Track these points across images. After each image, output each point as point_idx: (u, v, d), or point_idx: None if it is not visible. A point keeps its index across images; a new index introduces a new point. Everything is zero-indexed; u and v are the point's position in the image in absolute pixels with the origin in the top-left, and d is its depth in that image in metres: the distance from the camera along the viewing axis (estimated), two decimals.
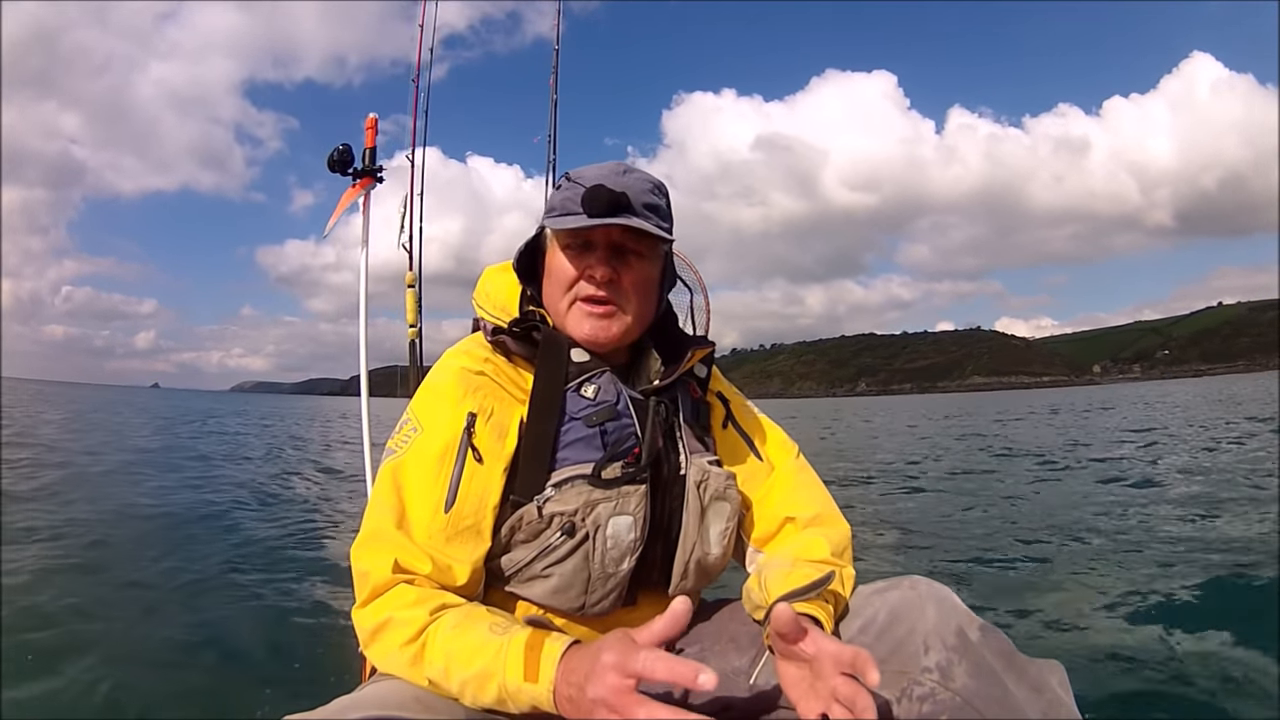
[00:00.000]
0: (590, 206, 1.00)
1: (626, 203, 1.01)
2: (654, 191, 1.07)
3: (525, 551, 1.01)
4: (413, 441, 1.01)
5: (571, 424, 1.03)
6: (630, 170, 1.08)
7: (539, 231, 1.13)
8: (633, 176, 1.06)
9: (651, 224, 1.03)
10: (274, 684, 2.32)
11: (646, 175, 1.09)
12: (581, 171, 1.08)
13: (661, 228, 1.05)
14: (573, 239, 1.06)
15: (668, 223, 1.08)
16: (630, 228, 1.01)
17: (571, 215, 1.02)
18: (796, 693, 0.85)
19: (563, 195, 1.05)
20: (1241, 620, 2.59)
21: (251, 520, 5.25)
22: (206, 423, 19.34)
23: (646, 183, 1.07)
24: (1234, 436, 10.46)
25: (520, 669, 0.78)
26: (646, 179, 1.08)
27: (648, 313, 1.11)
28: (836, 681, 0.79)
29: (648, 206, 1.04)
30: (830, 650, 0.82)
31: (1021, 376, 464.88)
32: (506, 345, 1.08)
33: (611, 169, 1.07)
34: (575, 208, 1.02)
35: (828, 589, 0.97)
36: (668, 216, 1.09)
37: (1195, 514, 4.68)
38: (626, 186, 1.02)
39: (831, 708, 0.79)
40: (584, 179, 1.04)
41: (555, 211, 1.05)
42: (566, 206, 1.03)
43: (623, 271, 1.06)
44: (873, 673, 0.76)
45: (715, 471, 1.10)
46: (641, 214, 1.03)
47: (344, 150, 2.66)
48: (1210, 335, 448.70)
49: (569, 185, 1.05)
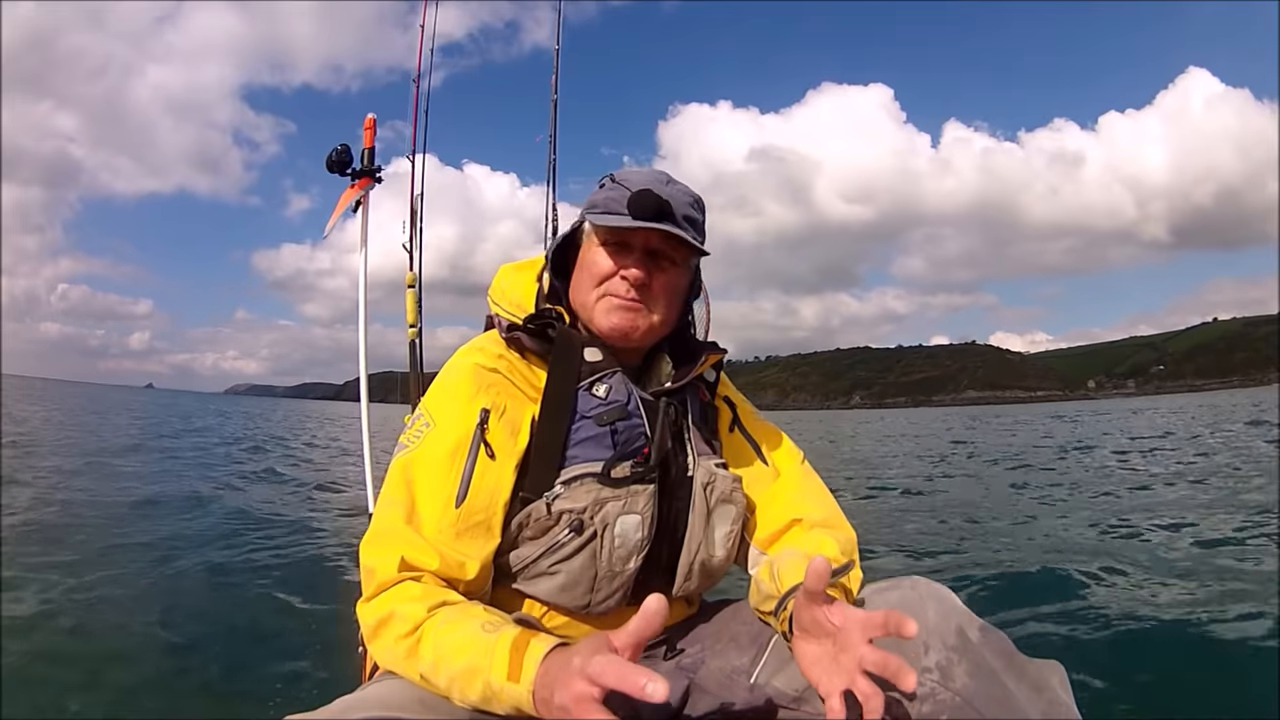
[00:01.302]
0: (636, 209, 1.03)
1: (670, 211, 1.04)
2: (694, 205, 1.10)
3: (533, 548, 1.01)
4: (425, 436, 1.02)
5: (582, 423, 1.04)
6: (674, 181, 1.11)
7: (577, 225, 1.15)
8: (676, 187, 1.10)
9: (689, 235, 1.06)
10: (274, 684, 2.32)
11: (688, 189, 1.12)
12: (627, 174, 1.11)
13: (698, 240, 1.08)
14: (612, 237, 1.08)
15: (703, 237, 1.12)
16: (668, 235, 1.04)
17: (615, 215, 1.05)
18: (817, 671, 0.84)
19: (606, 194, 1.08)
20: (1242, 619, 2.60)
21: (252, 520, 5.26)
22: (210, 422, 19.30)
23: (688, 195, 1.10)
24: (1231, 442, 10.51)
25: (504, 668, 0.77)
26: (688, 192, 1.11)
27: (671, 318, 1.14)
28: (864, 650, 0.77)
29: (687, 219, 1.08)
30: (859, 617, 0.80)
31: (1016, 391, 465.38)
32: (521, 342, 1.09)
33: (657, 176, 1.11)
34: (619, 208, 1.05)
35: (839, 583, 0.97)
36: (703, 231, 1.12)
37: (1195, 513, 4.70)
38: (670, 196, 1.06)
39: (856, 680, 0.77)
40: (630, 182, 1.07)
41: (598, 209, 1.08)
42: (610, 206, 1.06)
43: (655, 275, 1.08)
44: (910, 625, 0.73)
45: (722, 474, 1.11)
46: (681, 224, 1.06)
47: (343, 151, 2.67)
48: (1205, 350, 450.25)
49: (613, 186, 1.09)
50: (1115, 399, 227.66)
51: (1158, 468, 7.99)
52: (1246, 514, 4.69)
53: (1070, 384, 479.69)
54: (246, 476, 8.07)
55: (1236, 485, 5.94)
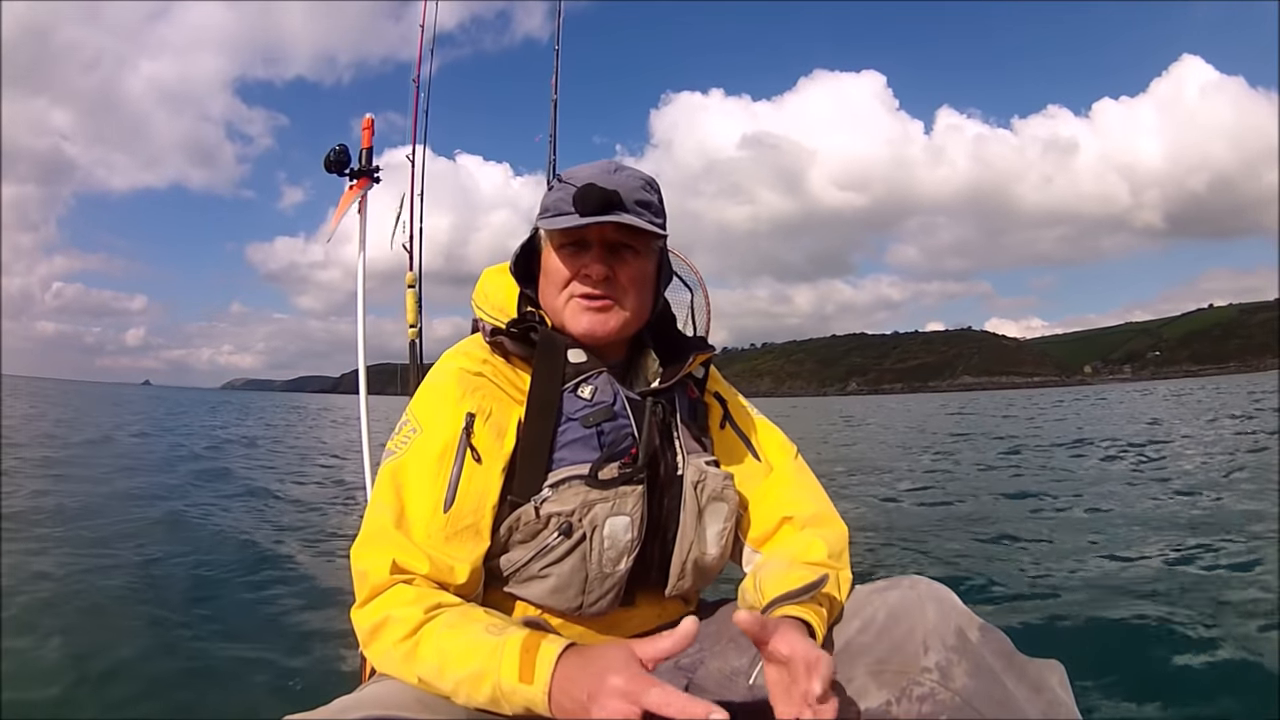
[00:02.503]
0: (582, 205, 1.01)
1: (619, 200, 1.02)
2: (645, 188, 1.08)
3: (523, 552, 1.01)
4: (412, 442, 1.02)
5: (569, 425, 1.04)
6: (621, 168, 1.09)
7: (534, 233, 1.13)
8: (624, 174, 1.07)
9: (644, 220, 1.04)
10: (274, 684, 2.32)
11: (637, 172, 1.10)
12: (573, 172, 1.09)
13: (654, 224, 1.06)
14: (567, 238, 1.07)
15: (660, 218, 1.09)
16: (624, 225, 1.02)
17: (564, 215, 1.03)
18: (775, 694, 0.85)
19: (555, 196, 1.06)
20: (1242, 619, 2.61)
21: (250, 520, 5.25)
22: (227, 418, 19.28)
23: (638, 180, 1.08)
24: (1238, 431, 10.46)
25: (515, 670, 0.77)
26: (638, 176, 1.09)
27: (644, 308, 1.12)
28: (809, 686, 0.79)
29: (640, 203, 1.05)
30: (800, 651, 0.82)
31: (1012, 377, 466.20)
32: (505, 346, 1.08)
33: (602, 167, 1.08)
34: (568, 207, 1.02)
35: (822, 592, 0.97)
36: (660, 212, 1.10)
37: (1195, 513, 4.69)
38: (618, 184, 1.03)
39: (803, 711, 0.79)
40: (575, 179, 1.05)
41: (549, 212, 1.06)
42: (559, 207, 1.04)
43: (618, 268, 1.07)
44: (817, 683, 0.77)
45: (713, 472, 1.10)
46: (634, 210, 1.04)
47: (340, 151, 2.65)
48: (1201, 337, 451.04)
49: (561, 186, 1.06)
50: (1112, 384, 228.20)
51: (1164, 458, 7.94)
52: (1253, 510, 4.67)
53: (1067, 370, 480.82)
54: (244, 473, 8.05)
55: (1237, 483, 5.92)
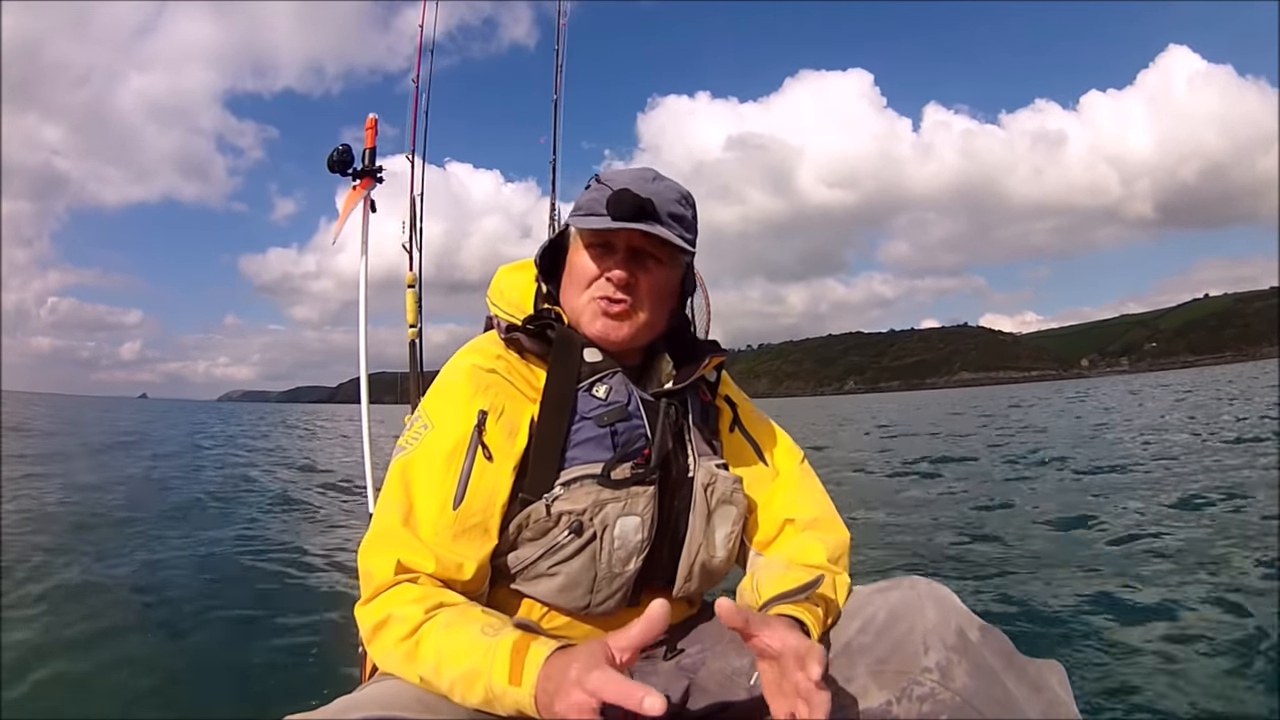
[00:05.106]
0: (615, 209, 1.01)
1: (652, 209, 1.02)
2: (681, 202, 1.08)
3: (532, 549, 1.01)
4: (423, 438, 1.01)
5: (582, 423, 1.04)
6: (660, 178, 1.09)
7: (564, 229, 1.14)
8: (662, 184, 1.08)
9: (674, 233, 1.04)
10: (274, 684, 2.32)
11: (676, 185, 1.10)
12: (611, 174, 1.09)
13: (683, 238, 1.06)
14: (595, 239, 1.07)
15: (691, 234, 1.10)
16: (651, 234, 1.02)
17: (596, 216, 1.03)
18: (769, 690, 0.85)
19: (590, 196, 1.07)
20: (1242, 618, 2.60)
21: (250, 519, 5.26)
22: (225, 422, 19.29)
23: (675, 192, 1.08)
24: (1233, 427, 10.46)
25: (506, 672, 0.77)
26: (675, 188, 1.09)
27: (661, 318, 1.13)
28: (798, 677, 0.79)
29: (673, 216, 1.06)
30: (791, 644, 0.81)
31: (1010, 372, 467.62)
32: (520, 343, 1.09)
33: (641, 174, 1.09)
34: (600, 209, 1.03)
35: (819, 593, 0.97)
36: (692, 228, 1.10)
37: (1194, 512, 4.68)
38: (654, 193, 1.04)
39: (797, 705, 0.79)
40: (613, 182, 1.05)
41: (581, 211, 1.07)
42: (592, 208, 1.05)
43: (640, 276, 1.07)
44: (815, 666, 0.77)
45: (723, 475, 1.10)
46: (666, 222, 1.04)
47: (344, 151, 2.65)
48: (1197, 327, 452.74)
49: (597, 187, 1.07)
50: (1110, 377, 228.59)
51: (1162, 457, 7.92)
52: (1253, 508, 4.66)
53: (1064, 363, 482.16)
54: (250, 477, 8.04)
55: (1239, 478, 5.91)
